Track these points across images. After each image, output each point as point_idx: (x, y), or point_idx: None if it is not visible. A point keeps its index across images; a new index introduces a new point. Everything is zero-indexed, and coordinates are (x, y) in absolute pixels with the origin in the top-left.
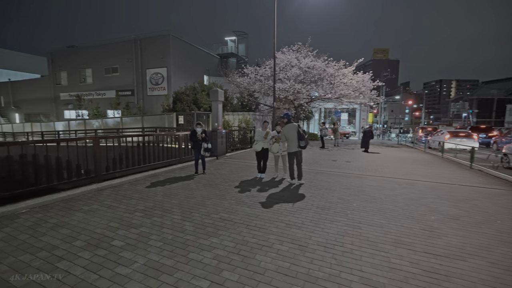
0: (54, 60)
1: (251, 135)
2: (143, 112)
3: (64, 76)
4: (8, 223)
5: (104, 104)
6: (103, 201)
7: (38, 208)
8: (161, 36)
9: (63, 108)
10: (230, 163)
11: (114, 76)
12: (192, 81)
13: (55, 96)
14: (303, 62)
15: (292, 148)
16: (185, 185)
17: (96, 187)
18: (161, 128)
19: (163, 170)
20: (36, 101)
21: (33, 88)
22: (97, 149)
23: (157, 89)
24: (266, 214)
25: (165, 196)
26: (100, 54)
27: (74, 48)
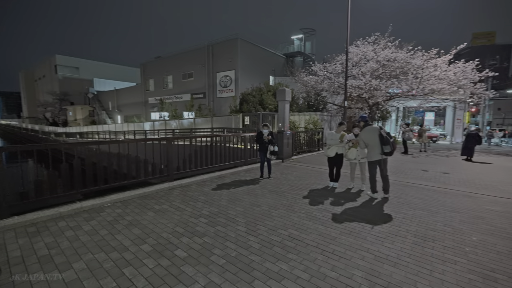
0: (145, 70)
1: (318, 137)
2: (212, 113)
3: (152, 83)
4: (94, 216)
5: (181, 107)
6: (172, 201)
7: (119, 203)
8: (230, 41)
9: (151, 110)
10: (296, 168)
11: (190, 81)
12: (258, 82)
13: (145, 100)
14: (382, 54)
15: (373, 156)
16: (250, 190)
17: (167, 186)
18: (228, 129)
19: (229, 171)
20: (132, 105)
21: (130, 94)
22: (170, 149)
23: (226, 91)
24: (345, 238)
25: (229, 201)
26: (179, 62)
27: (160, 59)
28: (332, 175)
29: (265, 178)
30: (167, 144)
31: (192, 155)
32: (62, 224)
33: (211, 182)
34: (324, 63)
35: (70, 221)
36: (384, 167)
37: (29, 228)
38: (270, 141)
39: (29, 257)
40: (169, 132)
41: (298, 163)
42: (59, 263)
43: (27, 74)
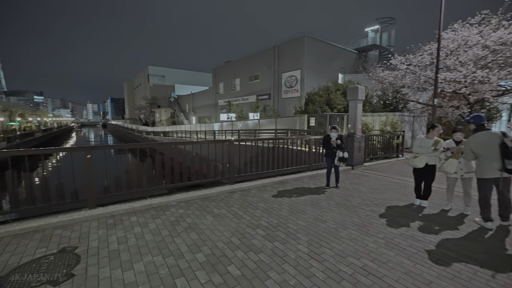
0: (216, 74)
1: (398, 141)
2: (277, 114)
3: (221, 86)
4: (160, 214)
5: (246, 108)
6: (231, 206)
7: (183, 203)
8: (296, 39)
9: (220, 112)
10: (369, 177)
11: (256, 83)
12: (326, 80)
13: (215, 102)
14: (493, 37)
15: (487, 171)
16: (314, 200)
17: (228, 188)
18: (292, 130)
19: (291, 177)
20: (204, 107)
21: (203, 97)
22: (232, 151)
23: (291, 91)
24: (447, 285)
25: (290, 212)
26: (246, 65)
27: (229, 63)
28: (420, 191)
29: (331, 187)
30: (229, 145)
31: (253, 157)
32: (133, 219)
33: (272, 187)
34: (406, 55)
35: (140, 216)
36: (506, 188)
37: (109, 220)
38: (339, 146)
39: (102, 250)
40: (235, 132)
41: (371, 171)
42: (124, 260)
43: (129, 83)
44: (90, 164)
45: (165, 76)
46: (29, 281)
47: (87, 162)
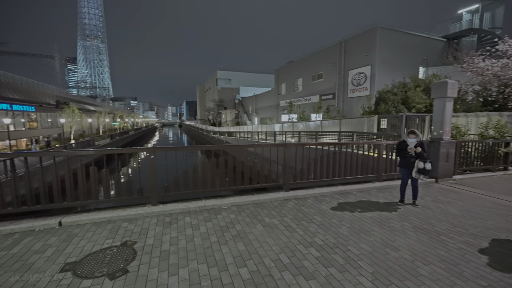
0: (278, 75)
1: (506, 149)
2: (341, 115)
3: (283, 87)
4: (212, 217)
5: (308, 109)
6: (284, 216)
7: (235, 207)
8: (367, 32)
9: (281, 113)
10: (462, 194)
11: (319, 82)
12: (402, 76)
13: (277, 103)
14: None
15: None
16: (383, 219)
17: (282, 195)
18: (358, 133)
19: (355, 187)
20: (266, 108)
21: (265, 98)
22: (287, 155)
23: (358, 90)
24: None
25: (352, 231)
26: (309, 64)
27: (292, 63)
28: None
29: (407, 204)
30: (284, 149)
31: (311, 162)
32: (187, 219)
33: (331, 198)
34: None
35: (194, 218)
36: None
37: (166, 218)
38: (418, 155)
39: (155, 249)
40: (296, 134)
41: (464, 187)
42: (172, 264)
43: (200, 87)
44: (154, 164)
45: (232, 80)
46: (93, 270)
47: (151, 162)
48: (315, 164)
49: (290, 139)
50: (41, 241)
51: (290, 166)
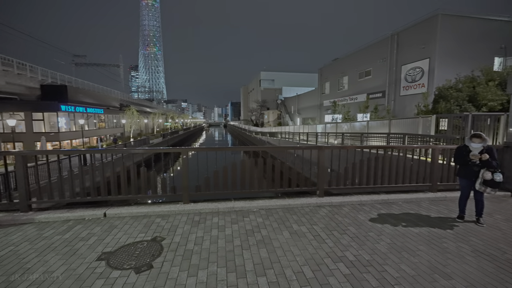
0: (322, 74)
1: None
2: (391, 115)
3: (327, 86)
4: (239, 220)
5: (354, 108)
6: (314, 224)
7: (264, 210)
8: (425, 21)
9: (325, 113)
10: None
11: (367, 80)
12: (469, 69)
13: (320, 103)
14: None
15: None
16: (434, 237)
17: (315, 201)
18: (411, 136)
19: (401, 197)
20: (309, 108)
21: (308, 98)
22: (322, 158)
23: (413, 87)
24: None
25: (392, 248)
26: (356, 61)
27: (336, 60)
28: None
29: (468, 221)
30: (319, 152)
31: (349, 166)
32: (215, 220)
33: (371, 207)
34: None
35: (221, 219)
36: None
37: (196, 217)
38: (485, 163)
39: (180, 247)
40: (339, 135)
41: None
42: (193, 264)
43: (244, 88)
44: (186, 164)
45: (275, 80)
46: (123, 262)
47: (183, 161)
48: (355, 168)
49: (333, 140)
50: (88, 229)
51: (331, 169)
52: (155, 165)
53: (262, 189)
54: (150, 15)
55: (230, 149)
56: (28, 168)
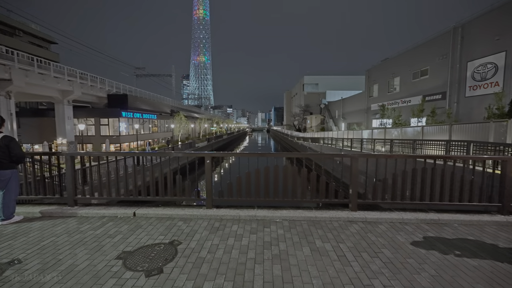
0: (370, 76)
1: None
2: (453, 119)
3: (376, 89)
4: (259, 230)
5: (406, 112)
6: (341, 242)
7: (287, 221)
8: (500, 8)
9: (372, 117)
10: None
11: (422, 80)
12: None
13: (367, 107)
14: None
15: None
16: (501, 274)
17: (346, 215)
18: (478, 144)
19: (457, 217)
20: (355, 112)
21: (354, 102)
22: (354, 168)
23: (483, 86)
24: None
25: (438, 282)
26: (409, 59)
27: (386, 61)
28: None
29: None
30: (351, 161)
31: (387, 178)
32: (234, 228)
33: (416, 228)
34: None
35: (241, 227)
36: None
37: (216, 223)
38: None
39: (193, 254)
40: (387, 142)
41: None
42: (200, 274)
43: (287, 93)
44: (209, 168)
45: (319, 84)
46: (138, 263)
47: (206, 166)
48: (395, 179)
49: (380, 148)
50: (117, 227)
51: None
52: (196, 169)
53: (287, 198)
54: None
55: (254, 155)
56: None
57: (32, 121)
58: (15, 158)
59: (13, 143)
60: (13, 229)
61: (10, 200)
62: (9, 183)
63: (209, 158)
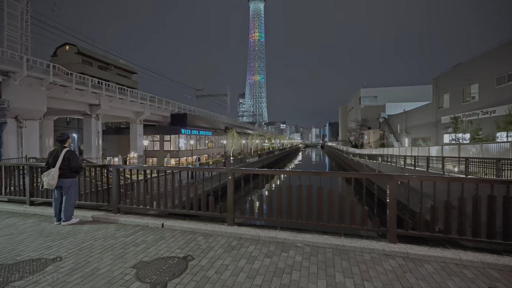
0: (438, 85)
1: None
2: None
3: (447, 99)
4: (276, 253)
5: (488, 125)
6: (367, 280)
7: (309, 247)
8: None
9: (443, 132)
10: None
11: (511, 86)
12: None
13: (436, 120)
14: None
15: None
16: None
17: (382, 247)
18: None
19: None
20: (420, 126)
21: (419, 115)
22: (393, 191)
23: None
24: None
25: None
26: (491, 63)
27: (458, 66)
28: None
29: None
30: (389, 183)
31: (439, 206)
32: (250, 249)
33: (480, 275)
34: None
35: (257, 249)
36: None
37: (233, 242)
38: None
39: (200, 272)
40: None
41: None
42: None
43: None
44: (231, 184)
45: (377, 96)
46: (148, 275)
47: (228, 182)
48: (448, 207)
49: (452, 167)
50: (144, 236)
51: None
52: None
53: (312, 221)
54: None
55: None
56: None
57: (113, 138)
58: (74, 169)
59: (73, 156)
60: (68, 229)
61: (70, 204)
62: (69, 190)
63: (231, 174)
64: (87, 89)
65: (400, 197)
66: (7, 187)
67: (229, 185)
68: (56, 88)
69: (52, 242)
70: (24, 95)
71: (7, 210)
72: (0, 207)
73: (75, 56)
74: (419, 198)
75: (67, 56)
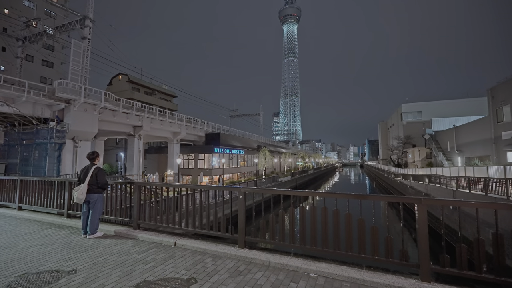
0: (494, 96)
1: None
2: None
3: (507, 111)
4: (284, 283)
5: None
6: None
7: (323, 278)
8: None
9: (505, 149)
10: None
11: None
12: None
13: (495, 136)
14: None
15: None
16: None
17: (411, 286)
18: None
19: None
20: (475, 143)
21: (472, 130)
22: (422, 218)
23: None
24: None
25: None
26: None
27: None
28: None
29: None
30: (418, 209)
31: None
32: (257, 276)
33: None
34: None
35: (264, 276)
36: None
37: (241, 266)
38: None
39: None
40: None
41: None
42: None
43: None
44: (243, 204)
45: (422, 111)
46: None
47: (239, 202)
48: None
49: None
50: (155, 254)
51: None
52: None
53: (328, 249)
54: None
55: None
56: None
57: (154, 156)
58: (100, 184)
59: (100, 172)
60: (91, 243)
61: (95, 218)
62: (95, 205)
63: (242, 193)
64: (131, 112)
65: (453, 223)
66: (58, 200)
67: (240, 205)
68: (106, 112)
69: (73, 255)
70: (81, 119)
71: (49, 221)
72: (45, 218)
73: (126, 84)
74: (475, 227)
75: (120, 84)
